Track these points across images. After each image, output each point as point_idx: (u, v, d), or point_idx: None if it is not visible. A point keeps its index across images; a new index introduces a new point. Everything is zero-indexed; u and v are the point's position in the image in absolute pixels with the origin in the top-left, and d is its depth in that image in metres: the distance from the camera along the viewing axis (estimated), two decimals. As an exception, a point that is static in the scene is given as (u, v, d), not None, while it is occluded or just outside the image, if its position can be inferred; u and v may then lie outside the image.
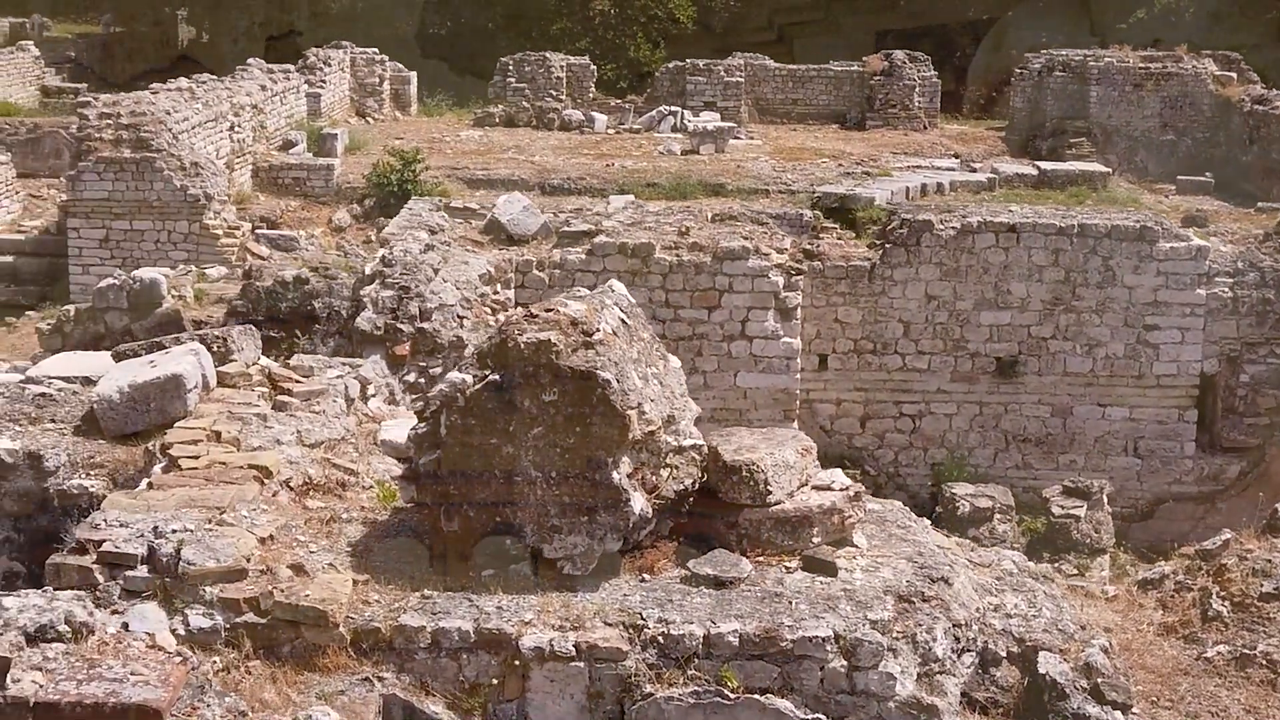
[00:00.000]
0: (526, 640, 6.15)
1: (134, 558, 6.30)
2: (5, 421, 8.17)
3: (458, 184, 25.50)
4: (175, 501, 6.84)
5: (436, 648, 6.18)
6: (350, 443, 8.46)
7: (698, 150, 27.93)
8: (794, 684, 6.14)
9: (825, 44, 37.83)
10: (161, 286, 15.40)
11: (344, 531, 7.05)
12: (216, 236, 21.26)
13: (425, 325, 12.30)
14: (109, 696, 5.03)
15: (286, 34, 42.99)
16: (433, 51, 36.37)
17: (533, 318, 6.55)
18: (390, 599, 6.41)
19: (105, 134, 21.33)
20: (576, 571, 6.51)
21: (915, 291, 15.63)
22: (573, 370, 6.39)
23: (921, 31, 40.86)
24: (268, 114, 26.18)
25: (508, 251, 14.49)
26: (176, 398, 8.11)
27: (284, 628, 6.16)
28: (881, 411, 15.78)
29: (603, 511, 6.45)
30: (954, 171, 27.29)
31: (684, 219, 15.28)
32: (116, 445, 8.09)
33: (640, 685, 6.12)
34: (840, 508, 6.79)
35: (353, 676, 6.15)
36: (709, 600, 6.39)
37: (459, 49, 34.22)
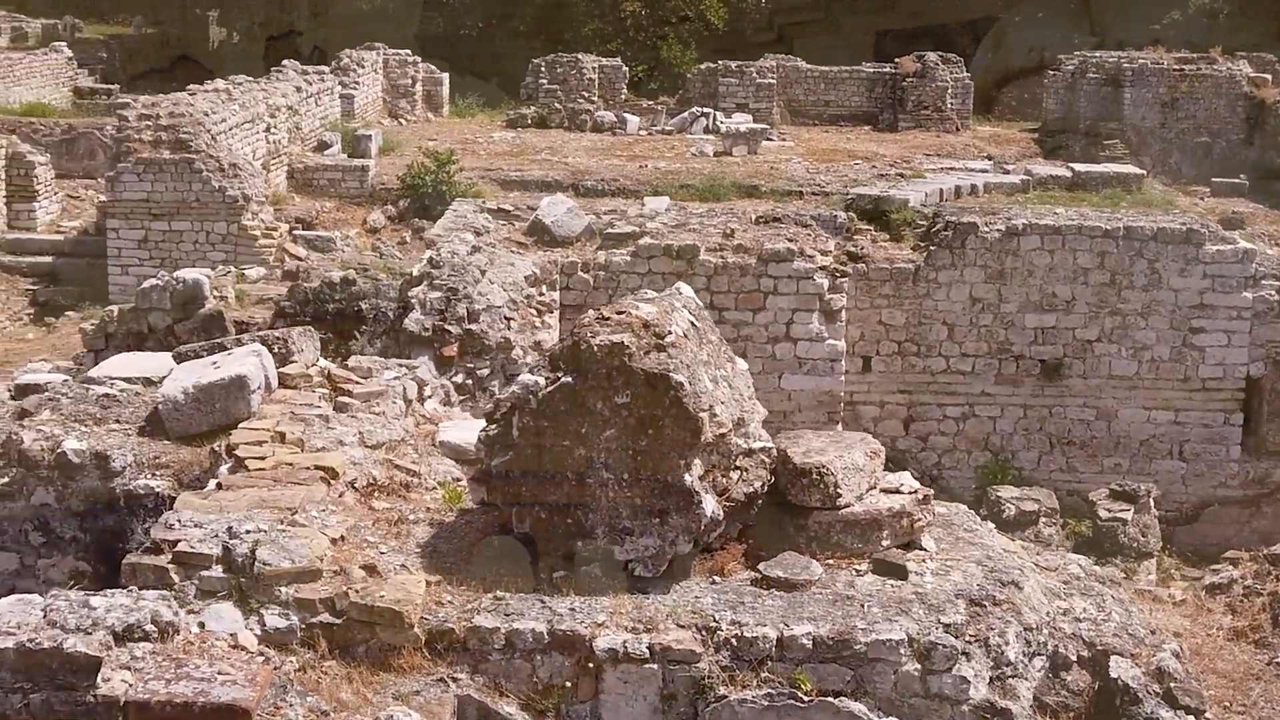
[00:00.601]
0: (600, 642, 6.17)
1: (209, 558, 6.34)
2: (71, 422, 8.23)
3: (491, 185, 25.57)
4: (247, 502, 6.88)
5: (510, 649, 6.20)
6: (410, 444, 8.49)
7: (730, 152, 27.94)
8: (867, 687, 6.14)
9: (825, 44, 37.83)
10: (204, 287, 15.45)
11: (412, 533, 7.08)
12: (254, 237, 21.35)
13: (473, 327, 12.32)
14: (198, 696, 5.06)
15: (286, 34, 43.12)
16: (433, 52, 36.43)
17: (605, 320, 6.57)
18: (463, 600, 6.43)
19: (144, 135, 21.44)
20: (647, 573, 6.52)
21: (960, 294, 15.61)
22: (645, 373, 6.41)
23: (921, 31, 40.83)
24: (303, 115, 26.29)
25: (552, 253, 14.52)
26: (240, 399, 8.15)
27: (359, 628, 6.19)
28: (925, 414, 15.76)
29: (674, 514, 6.46)
30: (987, 173, 27.24)
31: (728, 221, 15.30)
32: (181, 446, 8.14)
33: (714, 687, 6.13)
34: (909, 511, 6.80)
35: (428, 677, 6.18)
36: (780, 603, 6.40)
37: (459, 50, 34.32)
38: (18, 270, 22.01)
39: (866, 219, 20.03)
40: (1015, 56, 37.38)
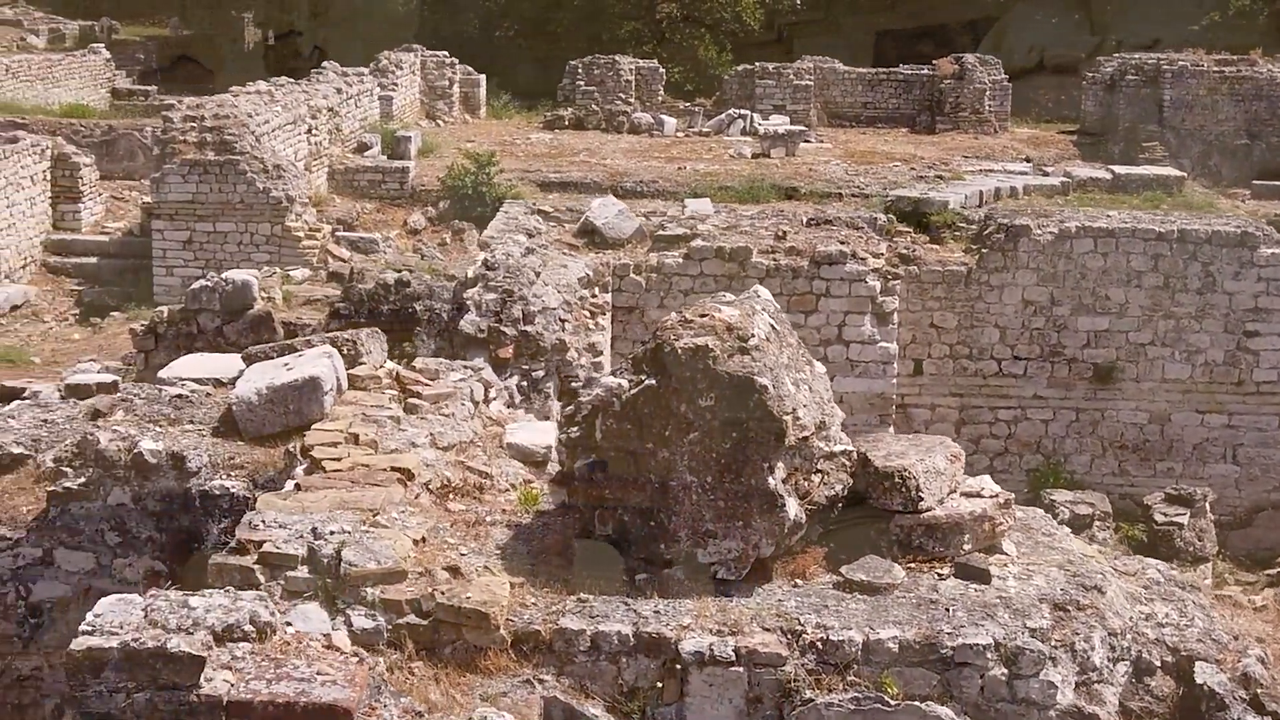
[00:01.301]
0: (686, 644, 6.18)
1: (294, 558, 6.37)
2: (146, 423, 8.28)
3: (530, 187, 25.59)
4: (329, 503, 6.91)
5: (596, 651, 6.22)
6: (478, 446, 8.52)
7: (768, 153, 27.90)
8: (954, 691, 6.13)
9: (825, 44, 37.75)
10: (253, 288, 15.50)
11: (490, 534, 7.10)
12: (298, 239, 21.43)
13: (528, 328, 12.33)
14: (299, 696, 5.09)
15: (286, 34, 43.26)
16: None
17: (688, 323, 6.58)
18: (547, 602, 6.45)
19: (189, 136, 21.54)
20: (730, 576, 6.53)
21: (1012, 296, 15.58)
22: (730, 376, 6.41)
23: (921, 31, 40.72)
24: (343, 117, 26.38)
25: (603, 255, 14.55)
26: (314, 400, 8.19)
27: (445, 629, 6.21)
28: (977, 417, 15.74)
29: (758, 517, 6.46)
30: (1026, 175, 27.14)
31: (779, 223, 15.30)
32: (255, 446, 8.19)
33: (799, 691, 6.13)
34: (991, 515, 6.78)
35: (514, 678, 6.19)
36: (864, 606, 6.39)
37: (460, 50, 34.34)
38: (63, 271, 22.13)
39: (906, 221, 20.00)
40: (1015, 56, 37.17)
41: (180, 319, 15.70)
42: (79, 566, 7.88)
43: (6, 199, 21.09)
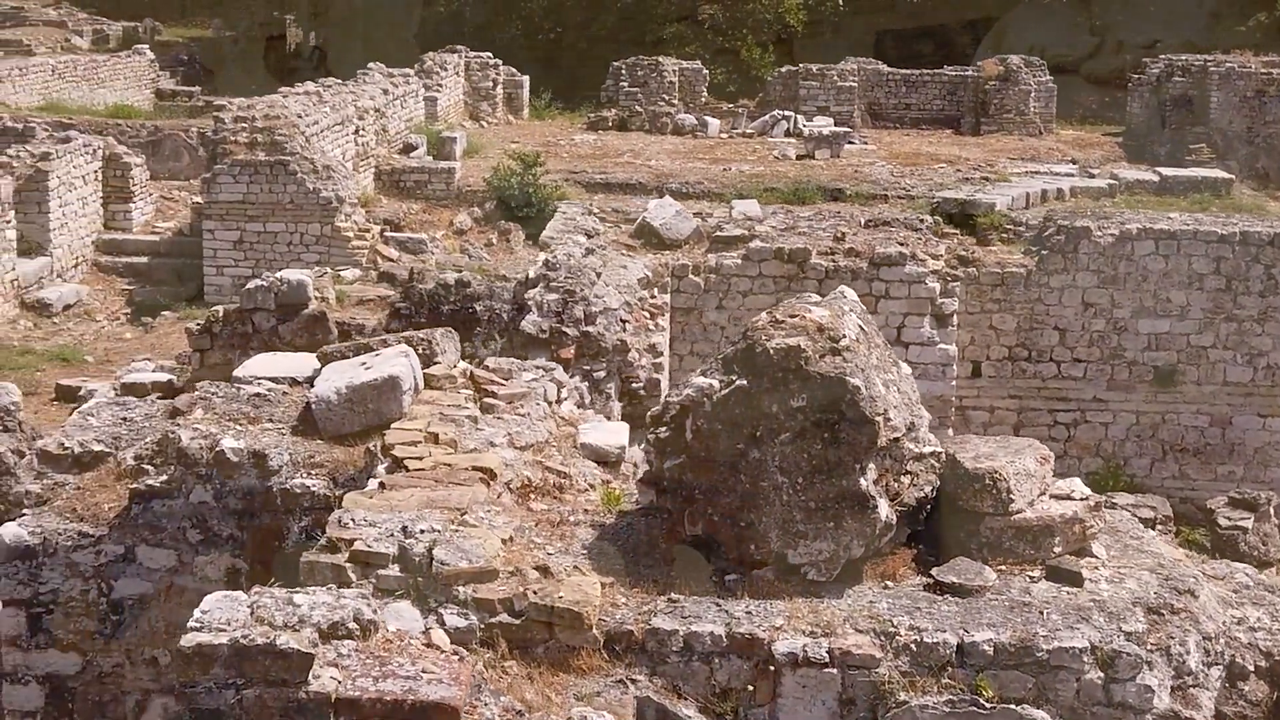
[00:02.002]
0: (779, 645, 6.16)
1: (386, 557, 6.38)
2: (226, 421, 8.32)
3: (576, 188, 25.62)
4: (416, 502, 6.92)
5: (689, 651, 6.21)
6: (553, 446, 8.52)
7: (813, 155, 27.86)
8: (1049, 694, 6.10)
9: (825, 44, 37.67)
10: (308, 288, 15.54)
11: (575, 534, 7.10)
12: (347, 239, 21.52)
13: (590, 329, 12.35)
14: (406, 694, 5.10)
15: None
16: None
17: (779, 323, 6.56)
18: (638, 602, 6.44)
19: (240, 137, 21.66)
20: (820, 578, 6.51)
21: (1072, 299, 15.51)
22: (822, 376, 6.40)
23: (922, 31, 40.59)
24: (389, 117, 26.47)
25: (661, 255, 14.55)
26: (393, 399, 8.21)
27: (538, 628, 6.21)
28: (1035, 419, 15.68)
29: (849, 518, 6.45)
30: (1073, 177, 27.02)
31: (837, 224, 15.28)
32: (334, 445, 8.21)
33: (894, 693, 6.11)
34: (1082, 517, 6.75)
35: (607, 678, 6.19)
36: (957, 608, 6.36)
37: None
38: (114, 270, 22.28)
39: (953, 223, 19.94)
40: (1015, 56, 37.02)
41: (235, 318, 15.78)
42: (160, 564, 7.93)
43: (59, 198, 21.25)
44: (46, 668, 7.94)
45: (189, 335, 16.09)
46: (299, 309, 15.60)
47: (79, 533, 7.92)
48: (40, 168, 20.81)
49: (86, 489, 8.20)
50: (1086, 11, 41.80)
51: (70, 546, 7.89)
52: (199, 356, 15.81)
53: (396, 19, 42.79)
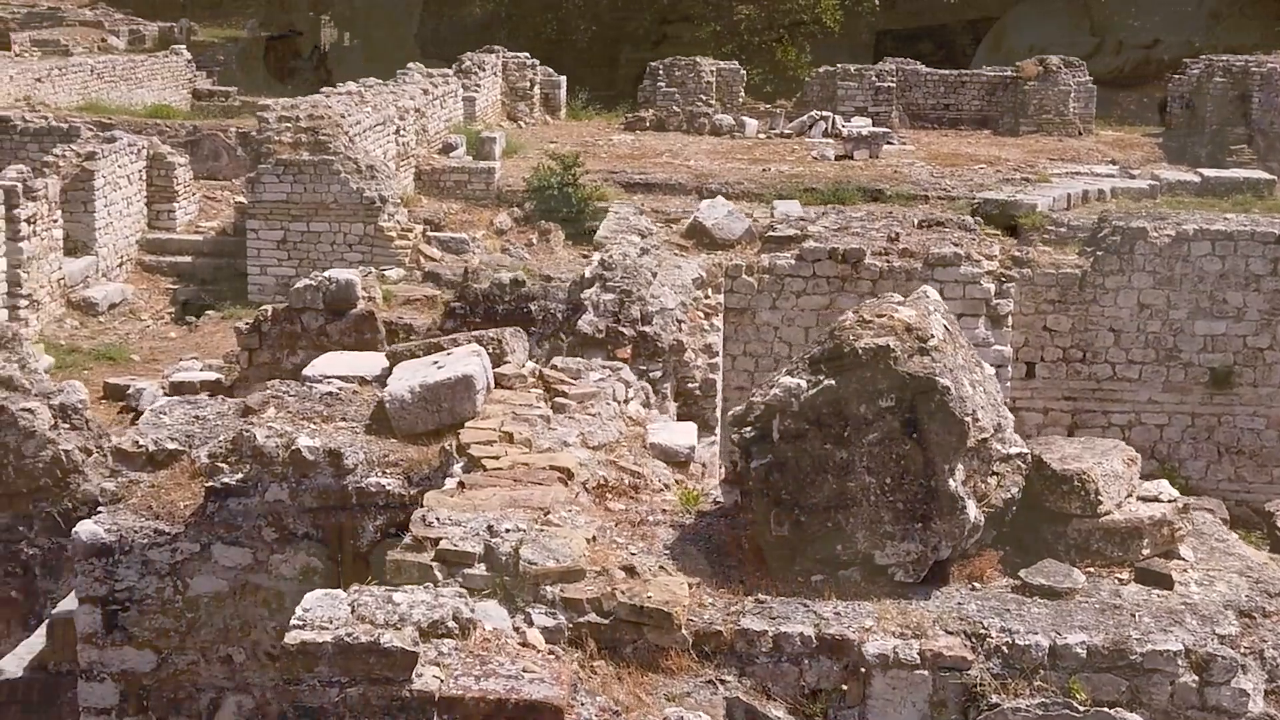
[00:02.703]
0: (870, 647, 6.14)
1: (472, 556, 6.39)
2: (299, 420, 8.32)
3: (615, 188, 25.62)
4: (498, 501, 6.92)
5: (778, 652, 6.19)
6: (624, 445, 8.51)
7: (851, 155, 27.80)
8: (1142, 698, 6.06)
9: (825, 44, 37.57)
10: (356, 287, 15.60)
11: (656, 534, 7.09)
12: (390, 239, 21.57)
13: (646, 329, 12.35)
14: (510, 693, 5.09)
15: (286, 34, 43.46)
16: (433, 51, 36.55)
17: (866, 323, 6.54)
18: (725, 602, 6.42)
19: (284, 137, 21.72)
20: (908, 579, 6.48)
21: (1127, 300, 15.42)
22: (911, 376, 6.37)
23: (922, 32, 40.48)
24: (429, 118, 26.52)
25: (713, 255, 14.52)
26: (467, 398, 8.20)
27: (626, 629, 6.19)
28: (1090, 421, 15.59)
29: (937, 519, 6.41)
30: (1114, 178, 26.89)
31: (890, 224, 15.22)
32: (408, 444, 8.19)
33: (985, 695, 6.08)
34: (1170, 519, 6.70)
35: (696, 679, 6.17)
36: (1047, 610, 6.33)
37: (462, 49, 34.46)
38: (158, 270, 22.37)
39: (994, 224, 19.85)
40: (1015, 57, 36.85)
41: (284, 317, 15.83)
42: (236, 562, 7.92)
43: (105, 198, 21.35)
44: (122, 665, 7.94)
45: (238, 334, 16.17)
46: (347, 308, 15.66)
47: (155, 530, 7.92)
48: (86, 167, 20.91)
49: (161, 487, 8.21)
50: (1086, 11, 41.67)
51: (146, 544, 7.88)
52: (247, 355, 15.87)
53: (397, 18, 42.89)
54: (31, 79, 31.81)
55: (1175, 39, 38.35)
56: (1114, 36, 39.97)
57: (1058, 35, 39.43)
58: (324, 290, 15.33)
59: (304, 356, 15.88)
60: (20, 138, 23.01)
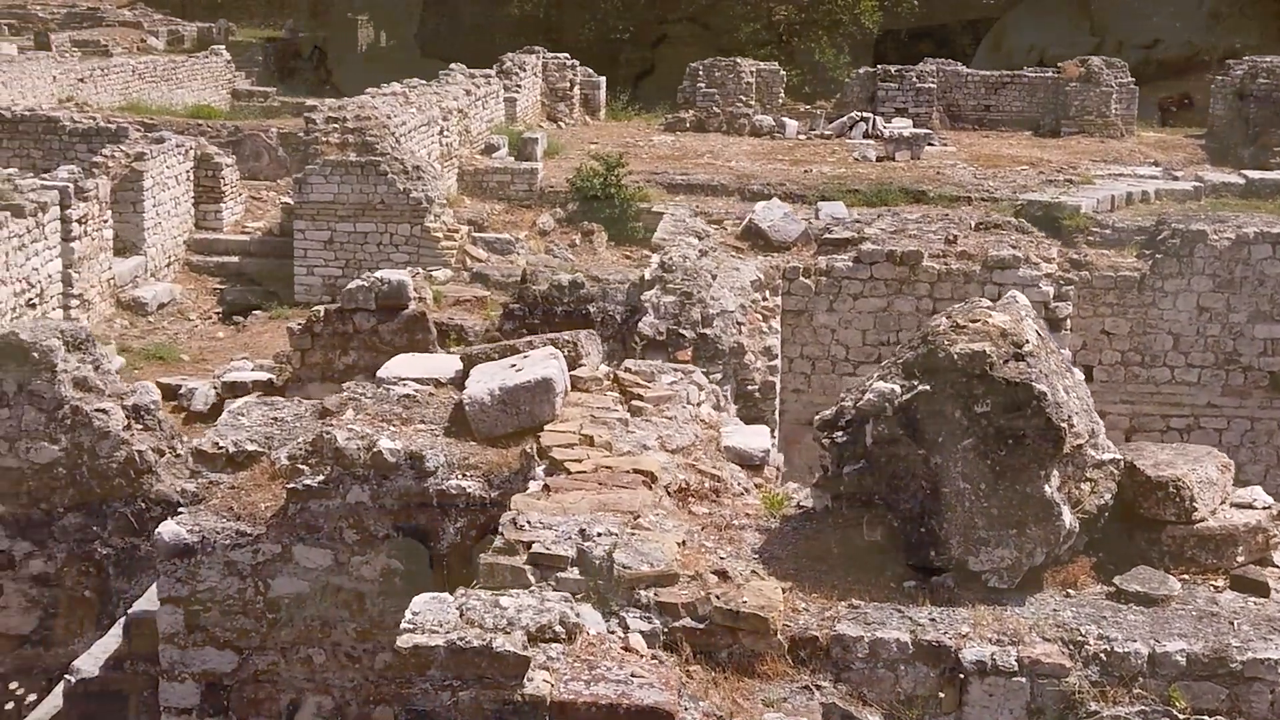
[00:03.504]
0: (967, 653, 6.11)
1: (564, 559, 6.38)
2: (379, 422, 8.34)
3: (657, 189, 25.63)
4: (587, 505, 6.92)
5: (874, 658, 6.17)
6: (700, 449, 8.50)
7: (893, 157, 27.76)
8: (1243, 707, 6.02)
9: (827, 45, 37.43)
10: (408, 288, 15.62)
11: (743, 538, 7.08)
12: (437, 239, 21.62)
13: (707, 331, 12.34)
14: (620, 698, 5.09)
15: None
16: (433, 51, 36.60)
17: (960, 328, 6.51)
18: (819, 607, 6.41)
19: (331, 138, 21.80)
20: (1002, 585, 6.45)
21: (1186, 303, 15.36)
22: (1007, 382, 6.34)
23: (922, 32, 40.33)
24: (471, 119, 26.57)
25: (769, 258, 14.50)
26: (546, 401, 8.21)
27: (722, 633, 6.18)
28: (1148, 425, 15.52)
29: (1033, 525, 6.39)
30: (1157, 180, 26.77)
31: (947, 226, 15.17)
32: (487, 447, 8.21)
33: (1083, 702, 6.05)
34: (1265, 526, 6.67)
35: (792, 684, 6.16)
36: (1143, 618, 6.29)
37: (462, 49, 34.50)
38: (205, 270, 22.48)
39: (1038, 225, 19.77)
40: (1015, 57, 36.70)
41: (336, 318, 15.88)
42: (317, 563, 7.95)
43: (153, 198, 21.46)
44: (203, 665, 7.98)
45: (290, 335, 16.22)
46: (399, 309, 15.69)
47: (237, 531, 7.95)
48: (135, 168, 21.02)
49: (241, 488, 8.24)
50: (1086, 11, 41.51)
51: (228, 545, 7.92)
52: (299, 356, 15.92)
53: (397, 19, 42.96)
54: (74, 79, 32.01)
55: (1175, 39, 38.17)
56: (1114, 36, 39.82)
57: (1058, 35, 39.31)
58: (376, 291, 15.36)
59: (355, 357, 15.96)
60: (69, 138, 23.16)
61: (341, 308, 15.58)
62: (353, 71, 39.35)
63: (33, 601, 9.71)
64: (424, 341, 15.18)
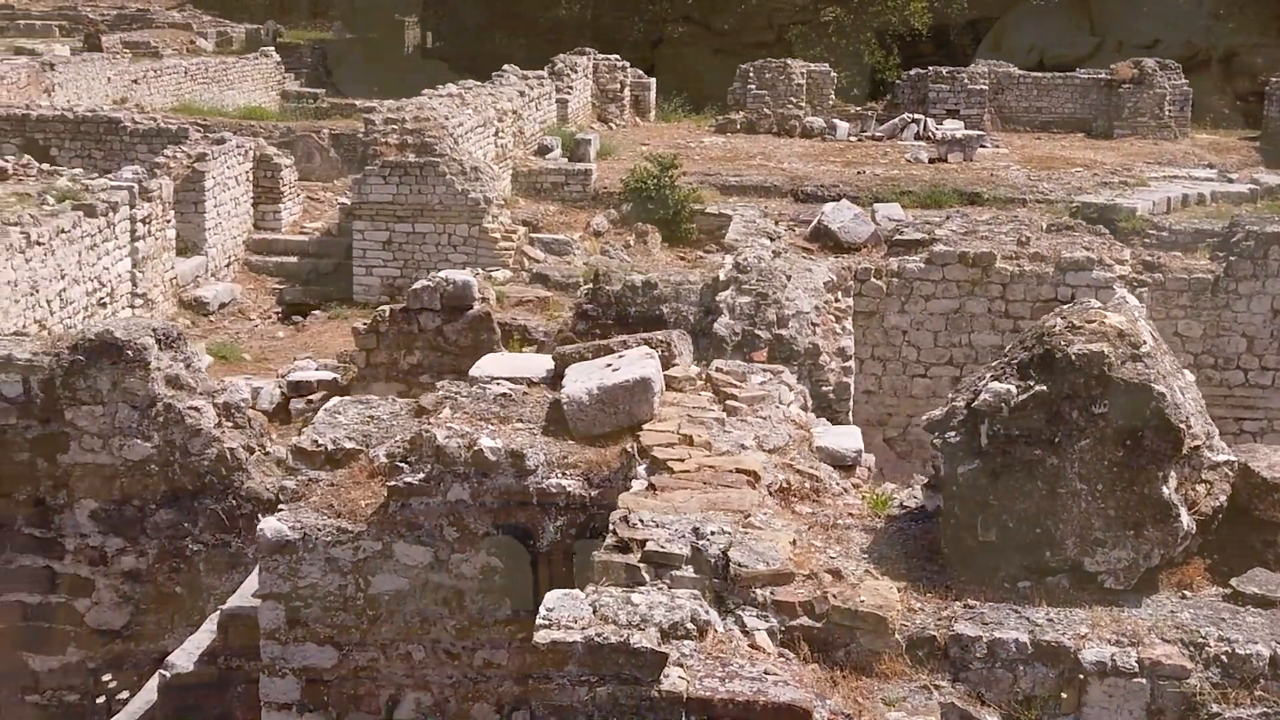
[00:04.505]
0: (1086, 654, 6.10)
1: (679, 558, 6.40)
2: (477, 420, 8.38)
3: (711, 190, 25.69)
4: (697, 504, 6.94)
5: (992, 658, 6.16)
6: (794, 449, 8.50)
7: (945, 158, 27.73)
8: (1366, 709, 5.99)
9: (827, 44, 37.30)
10: (473, 288, 15.70)
11: (849, 538, 7.09)
12: (494, 240, 21.71)
13: (782, 332, 12.35)
14: (757, 695, 5.11)
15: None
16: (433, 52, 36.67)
17: (1076, 328, 6.51)
18: (933, 607, 6.41)
19: (390, 139, 21.91)
20: (1118, 586, 6.44)
21: (1261, 305, 15.27)
22: (1126, 383, 6.33)
23: None
24: (525, 120, 26.65)
25: (839, 259, 14.50)
26: (644, 401, 8.23)
27: (839, 633, 6.19)
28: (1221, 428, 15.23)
29: (1150, 526, 6.37)
30: (1212, 182, 26.66)
31: (1018, 228, 15.14)
32: (585, 446, 8.24)
33: (1205, 705, 6.03)
34: (1380, 529, 6.62)
35: (910, 684, 6.16)
36: (1263, 620, 6.27)
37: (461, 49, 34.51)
38: (264, 270, 22.62)
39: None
40: (1015, 57, 36.55)
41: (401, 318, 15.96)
42: (417, 560, 7.99)
43: (214, 199, 21.62)
44: (303, 660, 8.03)
45: (356, 335, 16.32)
46: (464, 309, 15.77)
47: (338, 529, 8.00)
48: (197, 168, 21.17)
49: (340, 485, 8.29)
50: (1086, 11, 41.33)
51: (330, 542, 7.97)
52: (365, 355, 16.02)
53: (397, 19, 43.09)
54: (128, 80, 32.26)
55: (1175, 39, 37.94)
56: (1114, 36, 39.66)
57: (1058, 35, 39.18)
58: (441, 291, 15.44)
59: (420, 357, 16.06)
60: (129, 139, 23.34)
61: (407, 307, 15.67)
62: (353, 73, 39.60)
63: (124, 597, 9.81)
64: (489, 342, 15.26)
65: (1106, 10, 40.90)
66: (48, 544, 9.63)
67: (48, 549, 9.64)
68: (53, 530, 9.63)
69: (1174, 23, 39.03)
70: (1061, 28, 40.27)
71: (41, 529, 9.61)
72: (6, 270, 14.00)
